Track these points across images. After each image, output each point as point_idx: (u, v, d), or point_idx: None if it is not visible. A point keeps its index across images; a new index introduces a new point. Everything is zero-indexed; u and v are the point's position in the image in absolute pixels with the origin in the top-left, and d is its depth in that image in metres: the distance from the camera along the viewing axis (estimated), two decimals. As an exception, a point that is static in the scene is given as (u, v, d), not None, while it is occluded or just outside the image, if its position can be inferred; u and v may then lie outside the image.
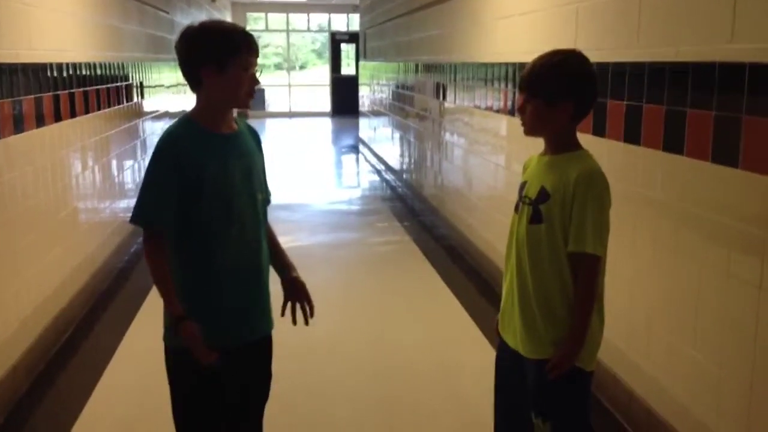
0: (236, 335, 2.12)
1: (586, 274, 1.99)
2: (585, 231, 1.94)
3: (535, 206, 2.02)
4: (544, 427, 2.06)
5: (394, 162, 9.56)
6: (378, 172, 10.45)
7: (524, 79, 2.05)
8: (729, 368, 2.42)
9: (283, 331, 2.28)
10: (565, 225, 1.98)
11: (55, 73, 4.19)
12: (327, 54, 21.00)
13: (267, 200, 2.23)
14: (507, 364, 2.19)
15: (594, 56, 2.07)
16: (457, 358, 3.87)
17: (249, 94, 2.09)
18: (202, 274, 2.06)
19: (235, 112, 2.23)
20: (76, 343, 4.12)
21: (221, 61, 2.01)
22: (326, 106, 20.27)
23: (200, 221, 2.04)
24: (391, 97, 9.80)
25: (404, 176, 8.85)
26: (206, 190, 2.02)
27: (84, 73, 4.80)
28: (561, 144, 2.05)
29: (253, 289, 2.15)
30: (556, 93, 1.98)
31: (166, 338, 2.13)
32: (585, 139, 2.08)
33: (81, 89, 4.69)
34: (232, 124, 2.14)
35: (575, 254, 1.97)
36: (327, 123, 18.47)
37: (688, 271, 2.64)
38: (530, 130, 2.07)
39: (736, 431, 2.38)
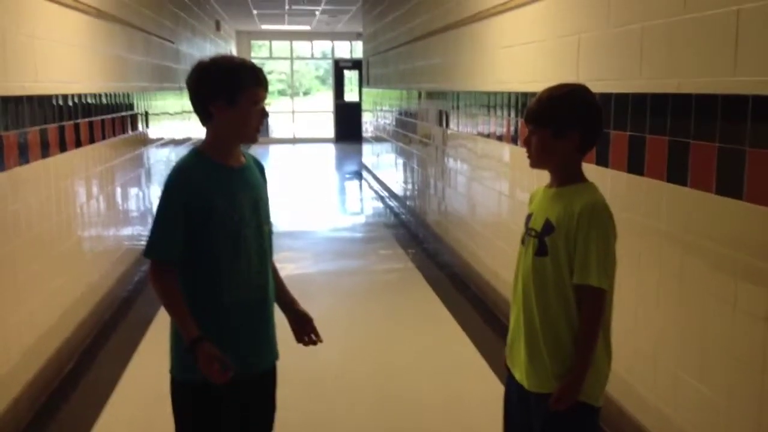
0: (242, 367, 2.11)
1: (590, 307, 1.98)
2: (589, 263, 1.94)
3: (540, 239, 2.03)
4: None
5: (398, 188, 9.57)
6: (381, 198, 10.46)
7: (532, 110, 2.07)
8: (736, 401, 2.39)
9: (288, 359, 2.28)
10: (570, 257, 1.97)
11: (61, 104, 4.22)
12: (330, 80, 21.16)
13: (270, 231, 2.25)
14: (514, 397, 2.18)
15: (596, 87, 2.08)
16: (462, 388, 3.84)
17: (257, 129, 2.13)
18: (209, 306, 2.08)
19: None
20: (79, 375, 4.09)
21: (231, 95, 2.05)
22: (330, 132, 20.37)
23: (208, 254, 2.06)
24: (394, 123, 9.84)
25: (408, 203, 8.86)
26: (214, 223, 2.05)
27: (89, 102, 4.83)
28: (566, 176, 2.06)
29: (259, 321, 2.16)
30: (564, 124, 2.00)
31: (174, 370, 2.13)
32: (588, 169, 2.08)
33: (86, 119, 4.72)
34: (240, 158, 2.18)
35: (580, 287, 1.97)
36: (330, 149, 18.55)
37: (693, 302, 2.62)
38: (536, 162, 2.09)
39: (745, 466, 2.35)
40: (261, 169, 2.29)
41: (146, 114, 6.83)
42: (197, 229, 2.04)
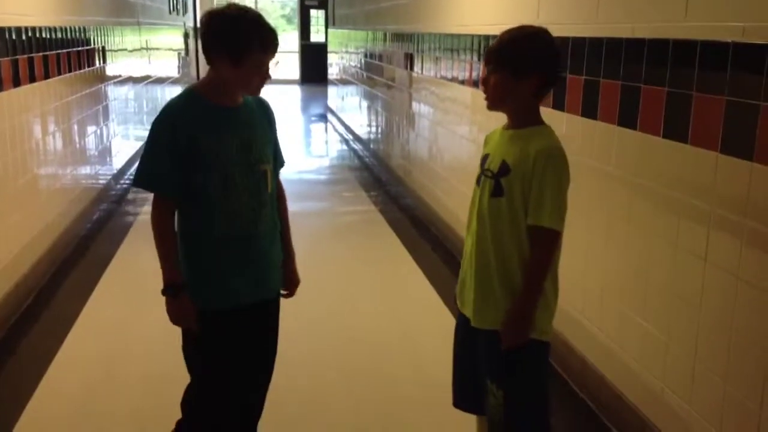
0: (237, 297, 2.21)
1: (541, 247, 2.02)
2: (543, 205, 1.98)
3: (496, 179, 2.05)
4: (498, 393, 2.11)
5: (362, 132, 9.55)
6: (346, 141, 10.43)
7: (492, 50, 2.06)
8: (676, 337, 2.51)
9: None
10: (525, 198, 2.01)
11: (14, 37, 4.10)
12: (296, 20, 20.72)
13: (277, 170, 2.33)
14: (463, 330, 2.24)
15: (555, 30, 2.10)
16: (419, 326, 3.94)
17: (258, 88, 2.18)
18: (202, 239, 2.16)
19: None
20: (37, 312, 4.10)
21: (236, 57, 2.07)
22: (295, 73, 20.06)
23: (199, 190, 2.13)
24: (360, 65, 9.75)
25: (372, 146, 8.86)
26: (202, 158, 2.10)
27: (44, 36, 4.70)
28: (524, 118, 2.07)
29: (252, 255, 2.23)
30: (524, 66, 2.01)
31: (198, 301, 2.19)
32: (545, 113, 2.12)
33: (41, 54, 4.60)
34: (237, 98, 2.20)
35: (533, 227, 2.01)
36: (296, 91, 18.30)
37: (639, 243, 2.72)
38: (493, 103, 2.09)
39: (681, 396, 2.48)
40: (265, 109, 2.31)
41: (103, 50, 6.66)
42: (187, 166, 2.10)
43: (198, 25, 2.45)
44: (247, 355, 2.30)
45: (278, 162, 2.35)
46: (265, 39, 2.10)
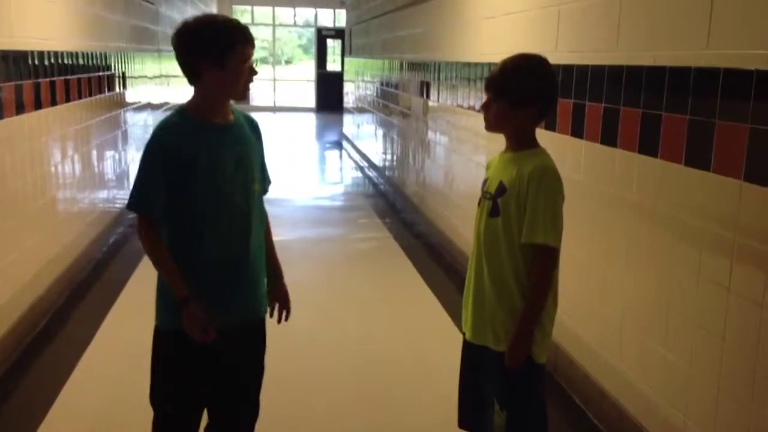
0: (224, 319, 2.15)
1: (538, 265, 2.06)
2: (537, 222, 2.03)
3: (494, 200, 2.12)
4: (502, 414, 2.13)
5: (377, 159, 9.58)
6: (361, 168, 10.46)
7: (492, 79, 2.14)
8: (698, 368, 2.47)
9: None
10: (520, 218, 2.06)
11: (36, 61, 4.16)
12: (313, 49, 20.96)
13: (265, 189, 2.31)
14: (469, 351, 2.26)
15: (574, 58, 2.11)
16: (434, 354, 3.90)
17: (247, 86, 2.15)
18: (190, 260, 2.10)
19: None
20: (52, 333, 4.09)
21: (221, 56, 2.06)
22: (311, 101, 20.23)
23: (189, 210, 2.09)
24: (375, 94, 9.81)
25: (387, 173, 8.87)
26: (196, 179, 2.07)
27: (66, 61, 4.77)
28: (520, 142, 2.14)
29: (241, 277, 2.19)
30: (521, 96, 2.08)
31: (159, 319, 2.16)
32: (563, 140, 2.12)
33: (62, 78, 4.66)
34: (227, 115, 2.18)
35: (528, 246, 2.04)
36: (311, 118, 18.44)
37: (661, 271, 2.69)
38: (492, 127, 2.17)
39: (704, 429, 2.43)
40: (254, 127, 2.29)
41: (123, 76, 6.74)
42: (179, 185, 2.06)
43: (174, 49, 2.49)
44: (220, 380, 2.23)
45: (266, 181, 2.33)
46: (241, 32, 2.09)
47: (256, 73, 2.16)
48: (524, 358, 2.08)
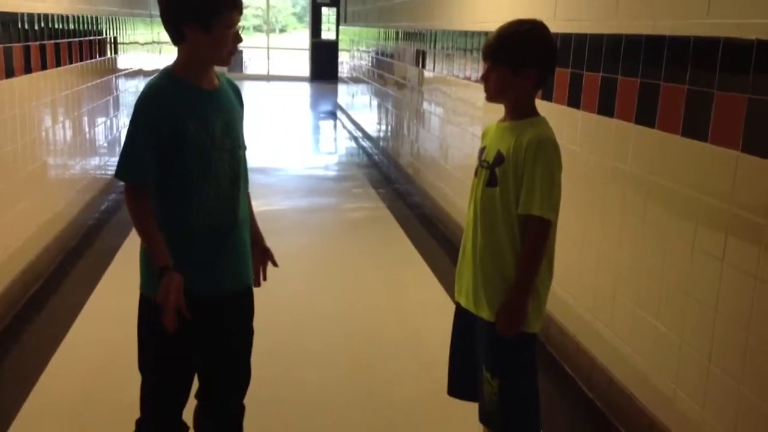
0: (210, 287, 2.12)
1: (532, 236, 2.05)
2: (533, 194, 2.01)
3: (491, 170, 2.09)
4: (493, 382, 2.14)
5: (372, 129, 9.53)
6: (355, 138, 10.41)
7: (490, 46, 2.09)
8: (689, 338, 2.47)
9: (256, 290, 2.28)
10: (518, 188, 2.04)
11: (26, 25, 4.09)
12: (307, 18, 20.73)
13: (245, 155, 2.24)
14: (461, 320, 2.26)
15: (572, 27, 2.07)
16: (426, 323, 3.91)
17: (231, 52, 2.10)
18: (178, 228, 2.08)
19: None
20: (43, 299, 4.08)
21: (207, 20, 2.00)
22: (305, 70, 20.06)
23: (178, 177, 2.05)
24: (370, 63, 9.72)
25: (381, 144, 8.83)
26: (185, 145, 2.03)
27: (57, 25, 4.69)
28: (520, 110, 2.11)
29: (228, 245, 2.16)
30: (522, 61, 2.04)
31: (143, 287, 2.13)
32: (560, 110, 2.09)
33: (53, 41, 4.59)
34: (213, 80, 2.14)
35: (524, 216, 2.03)
36: (305, 88, 18.30)
37: (654, 242, 2.68)
38: (493, 96, 2.13)
39: (694, 399, 2.45)
40: (237, 92, 2.25)
41: (115, 41, 6.65)
42: (167, 151, 2.02)
43: (160, 7, 2.43)
44: (210, 349, 2.21)
45: (244, 147, 2.27)
46: None
47: (241, 40, 2.11)
48: (517, 327, 2.08)
